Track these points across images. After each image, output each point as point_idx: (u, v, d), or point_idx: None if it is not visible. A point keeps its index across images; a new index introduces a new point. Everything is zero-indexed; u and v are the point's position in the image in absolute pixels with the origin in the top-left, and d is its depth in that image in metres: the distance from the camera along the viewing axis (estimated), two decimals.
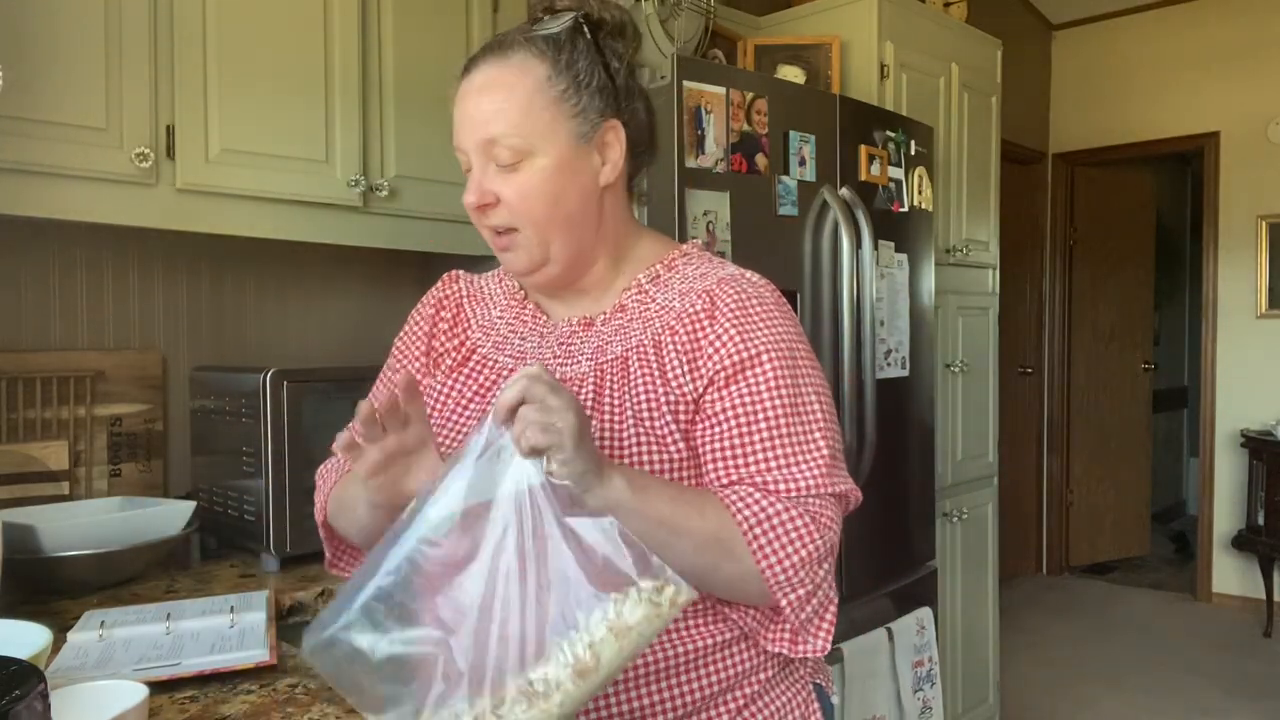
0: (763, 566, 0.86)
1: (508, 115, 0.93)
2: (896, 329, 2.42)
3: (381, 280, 2.27)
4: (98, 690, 0.85)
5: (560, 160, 0.94)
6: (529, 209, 0.94)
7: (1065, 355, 5.32)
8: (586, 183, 0.96)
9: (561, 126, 0.93)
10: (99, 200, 1.51)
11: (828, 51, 2.60)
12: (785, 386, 0.93)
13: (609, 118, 0.96)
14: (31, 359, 1.71)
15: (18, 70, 1.41)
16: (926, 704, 2.42)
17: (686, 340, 0.95)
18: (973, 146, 2.99)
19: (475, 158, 0.95)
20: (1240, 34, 4.71)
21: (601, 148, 0.97)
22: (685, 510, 0.86)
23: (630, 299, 1.01)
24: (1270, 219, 4.67)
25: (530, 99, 0.92)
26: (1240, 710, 3.45)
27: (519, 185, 0.94)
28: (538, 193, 0.94)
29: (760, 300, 0.97)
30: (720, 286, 0.97)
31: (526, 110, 0.92)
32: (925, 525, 2.59)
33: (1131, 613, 4.65)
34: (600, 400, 0.96)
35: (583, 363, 0.99)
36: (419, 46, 1.94)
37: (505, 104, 0.93)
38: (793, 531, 0.87)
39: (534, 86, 0.93)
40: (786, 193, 2.09)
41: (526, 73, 0.93)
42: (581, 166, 0.95)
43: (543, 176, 0.94)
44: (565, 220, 0.96)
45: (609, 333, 1.00)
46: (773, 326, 0.95)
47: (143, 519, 1.51)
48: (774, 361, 0.93)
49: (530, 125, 0.92)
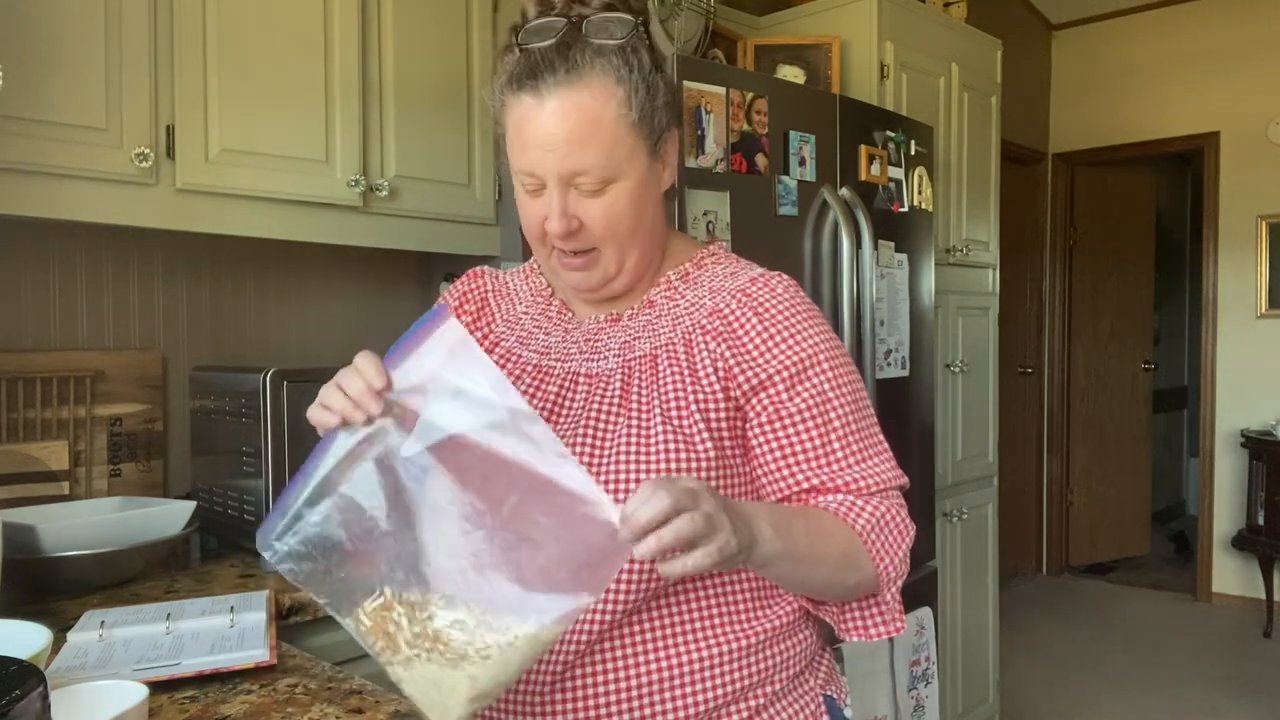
0: (881, 568, 0.91)
1: (596, 149, 0.89)
2: (896, 329, 2.42)
3: (381, 280, 2.28)
4: (98, 690, 0.85)
5: (641, 181, 0.93)
6: (615, 231, 0.93)
7: (1065, 355, 5.32)
8: (659, 195, 0.98)
9: (641, 150, 0.92)
10: (99, 200, 1.51)
11: (828, 51, 2.60)
12: (846, 386, 0.96)
13: (671, 128, 0.97)
14: (31, 359, 1.71)
15: (18, 70, 1.41)
16: (920, 702, 2.42)
17: (722, 341, 0.95)
18: (973, 146, 2.99)
19: (555, 184, 0.91)
20: (1240, 34, 4.71)
21: (665, 156, 0.97)
22: (821, 540, 0.88)
23: (659, 295, 1.00)
24: (1270, 219, 4.67)
25: (615, 129, 0.89)
26: (1240, 710, 3.45)
27: (605, 209, 0.92)
28: (624, 215, 0.92)
29: (802, 302, 0.98)
30: (755, 287, 0.97)
31: (614, 142, 0.90)
32: (925, 525, 2.59)
33: (1131, 613, 4.65)
34: (628, 397, 0.94)
35: (610, 359, 0.98)
36: (419, 46, 1.94)
37: (592, 137, 0.89)
38: (898, 530, 0.93)
39: (616, 115, 0.89)
40: (786, 193, 2.09)
41: (607, 99, 0.89)
42: (655, 181, 0.96)
43: (629, 199, 0.92)
44: (643, 235, 0.96)
45: (636, 329, 0.99)
46: (820, 327, 0.97)
47: (143, 519, 1.51)
48: (832, 362, 0.96)
49: (618, 154, 0.90)
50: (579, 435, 0.94)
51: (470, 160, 2.06)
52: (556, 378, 0.99)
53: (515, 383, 1.00)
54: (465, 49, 2.04)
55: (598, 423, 0.94)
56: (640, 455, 0.90)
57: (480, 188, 2.08)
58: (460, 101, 2.03)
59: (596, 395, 0.96)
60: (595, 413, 0.95)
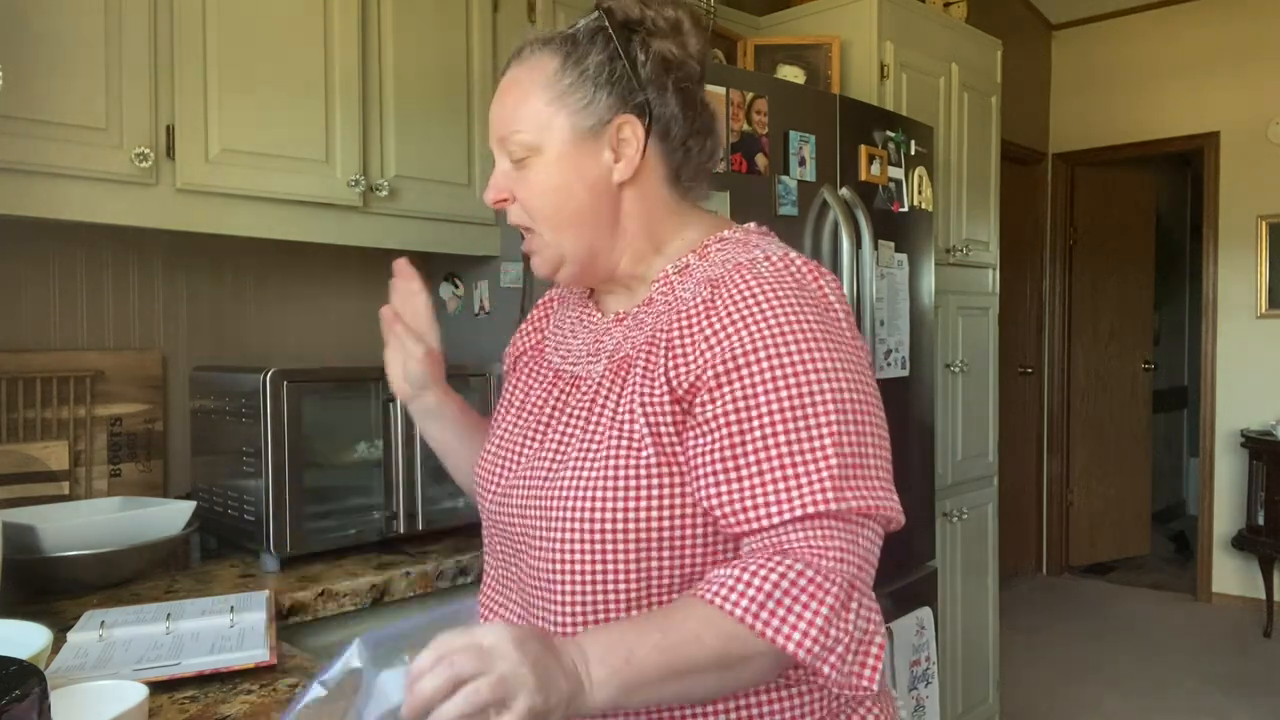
0: (787, 646, 0.75)
1: (516, 110, 0.92)
2: (896, 329, 2.42)
3: (381, 280, 2.26)
4: (98, 690, 0.85)
5: (562, 154, 0.92)
6: (538, 206, 0.93)
7: (1065, 355, 5.32)
8: (596, 180, 0.92)
9: (564, 120, 0.91)
10: (99, 200, 1.51)
11: (828, 51, 2.60)
12: (787, 388, 0.80)
13: (622, 112, 0.91)
14: (31, 359, 1.71)
15: (18, 70, 1.41)
16: (920, 702, 2.42)
17: (681, 335, 0.87)
18: (973, 146, 2.99)
19: (496, 156, 0.95)
20: (1240, 34, 4.71)
21: (616, 144, 0.92)
22: (686, 650, 0.74)
23: (657, 291, 0.94)
24: (1270, 219, 4.67)
25: (535, 93, 0.92)
26: (1240, 710, 3.45)
27: (528, 181, 0.93)
28: (543, 188, 0.92)
29: (773, 286, 0.85)
30: (731, 273, 0.87)
31: (531, 105, 0.92)
32: (925, 525, 2.59)
33: (1131, 613, 4.65)
34: (601, 403, 0.90)
35: (601, 361, 0.94)
36: (419, 46, 1.94)
37: (515, 101, 0.93)
38: (800, 594, 0.75)
39: (541, 81, 0.92)
40: (786, 193, 2.09)
41: (536, 68, 0.93)
42: (588, 163, 0.92)
43: (548, 173, 0.92)
44: (574, 217, 0.93)
45: (630, 329, 0.94)
46: (780, 316, 0.83)
47: (143, 519, 1.52)
48: (774, 358, 0.81)
49: (533, 119, 0.92)
50: (558, 441, 0.92)
51: (470, 160, 2.06)
52: (564, 380, 0.98)
53: (534, 387, 1.01)
54: (465, 49, 2.04)
55: (573, 429, 0.91)
56: (589, 465, 0.86)
57: (480, 187, 2.08)
58: (460, 101, 2.03)
59: (584, 400, 0.93)
60: (574, 418, 0.92)
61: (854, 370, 0.85)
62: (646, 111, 0.92)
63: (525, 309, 2.08)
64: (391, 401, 1.73)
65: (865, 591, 0.80)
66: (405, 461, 1.73)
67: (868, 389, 0.86)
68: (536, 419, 0.96)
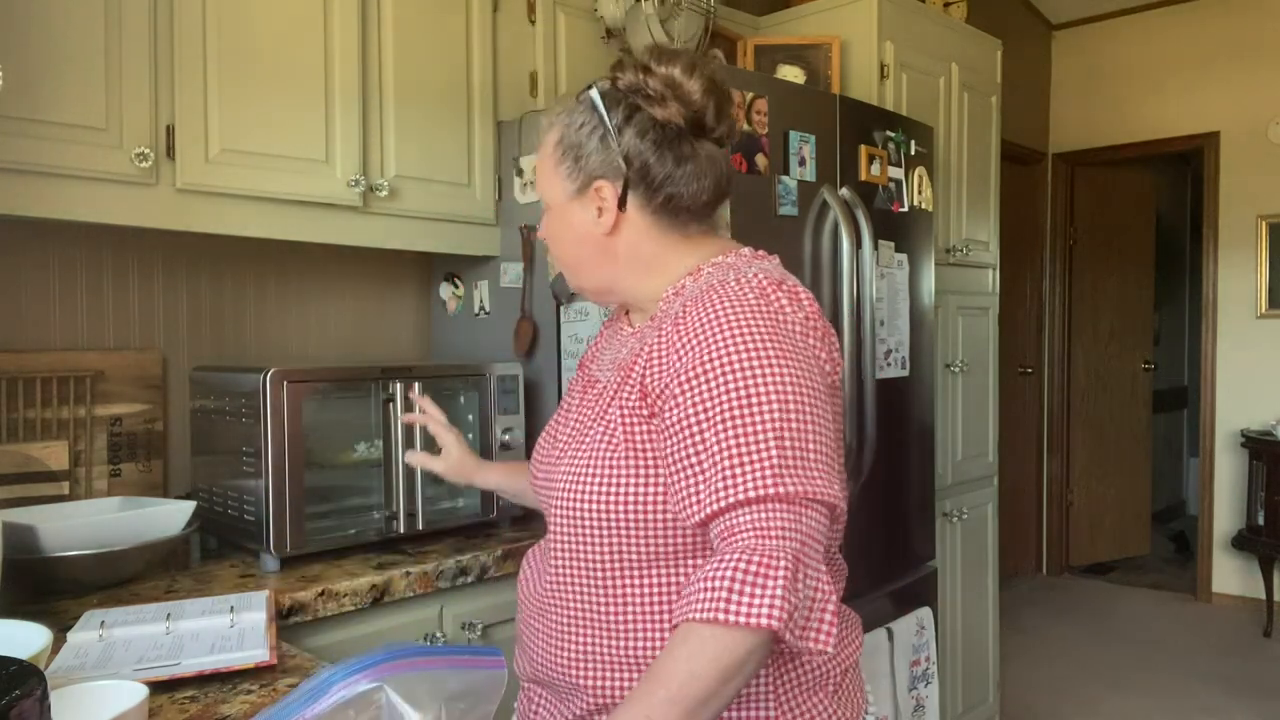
0: (762, 623, 0.82)
1: (539, 171, 1.15)
2: (896, 329, 2.42)
3: (381, 280, 2.28)
4: (98, 690, 0.85)
5: (563, 211, 1.12)
6: (553, 249, 1.16)
7: (1065, 355, 5.32)
8: (585, 232, 1.10)
9: (559, 186, 1.11)
10: (99, 200, 1.52)
11: (828, 51, 2.60)
12: (736, 394, 0.91)
13: (601, 177, 1.07)
14: (31, 359, 1.71)
15: (18, 70, 1.41)
16: (920, 702, 2.42)
17: (659, 344, 1.01)
18: (973, 146, 2.99)
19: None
20: (1240, 34, 4.71)
21: (599, 201, 1.08)
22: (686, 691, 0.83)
23: (659, 309, 1.09)
24: (1270, 219, 4.67)
25: (546, 159, 1.13)
26: (1240, 710, 3.45)
27: (546, 229, 1.16)
28: (550, 236, 1.15)
29: (734, 305, 0.96)
30: (705, 293, 0.99)
31: (545, 167, 1.13)
32: (925, 525, 2.59)
33: (1131, 613, 4.65)
34: (603, 407, 1.05)
35: (612, 370, 1.09)
36: (419, 46, 1.94)
37: (539, 162, 1.14)
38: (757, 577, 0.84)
39: (548, 153, 1.12)
40: (786, 193, 2.09)
41: (547, 140, 1.13)
42: (579, 218, 1.10)
43: (555, 225, 1.14)
44: (574, 259, 1.14)
45: (635, 341, 1.09)
46: (735, 332, 0.94)
47: (143, 519, 1.51)
48: (727, 369, 0.92)
49: (544, 183, 1.14)
50: (568, 435, 1.09)
51: (470, 160, 2.06)
52: (592, 385, 1.13)
53: (574, 391, 1.18)
54: (465, 49, 2.04)
55: (582, 427, 1.07)
56: (578, 457, 1.03)
57: (480, 188, 2.08)
58: (460, 101, 2.03)
59: (595, 401, 1.08)
60: (584, 416, 1.09)
61: (798, 377, 0.94)
62: (623, 174, 1.06)
63: (525, 309, 2.08)
64: (391, 401, 1.73)
65: (809, 564, 0.88)
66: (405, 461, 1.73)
67: (812, 393, 0.95)
68: (565, 417, 1.15)
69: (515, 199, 2.10)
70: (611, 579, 1.01)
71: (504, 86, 2.12)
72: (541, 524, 1.91)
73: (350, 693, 0.74)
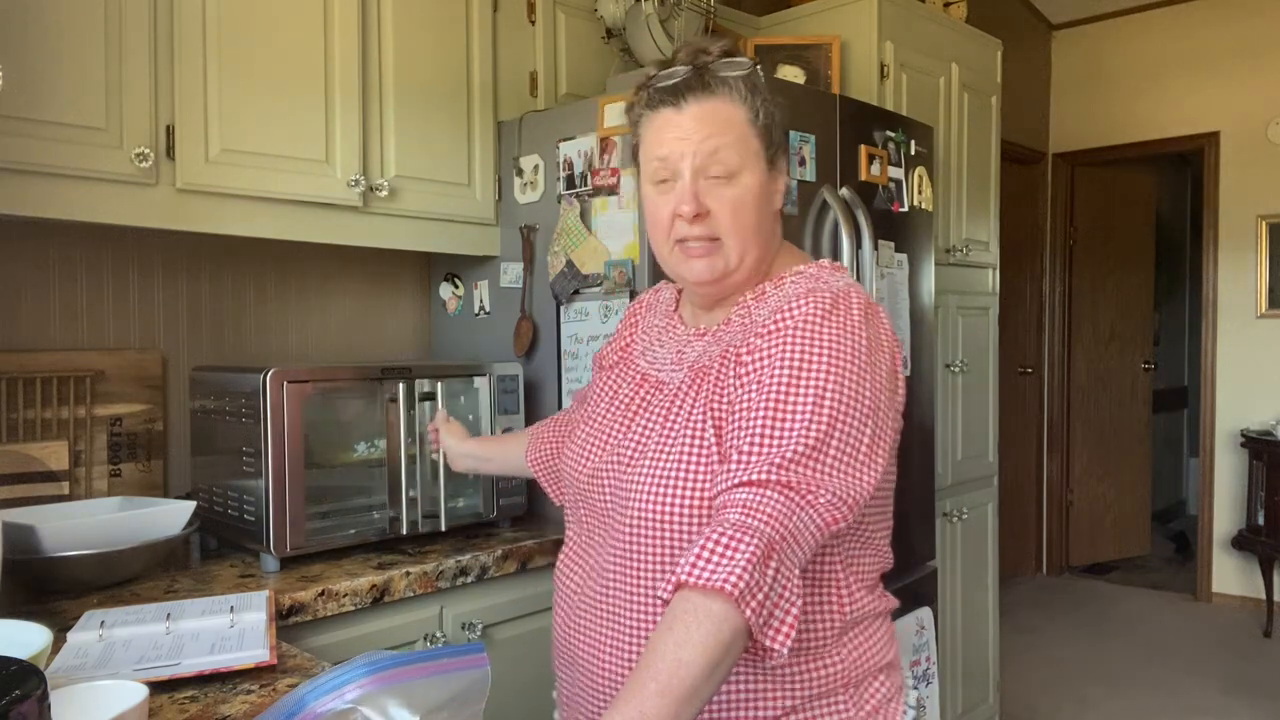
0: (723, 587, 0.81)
1: (728, 138, 1.05)
2: (896, 329, 2.42)
3: (381, 280, 2.28)
4: (98, 690, 0.85)
5: (760, 181, 1.07)
6: (738, 222, 1.06)
7: (1065, 355, 5.32)
8: (772, 209, 1.10)
9: (762, 155, 1.07)
10: (99, 200, 1.52)
11: (828, 51, 2.59)
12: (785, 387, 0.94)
13: (781, 154, 1.10)
14: (31, 359, 1.71)
15: (18, 70, 1.41)
16: (920, 702, 2.42)
17: (750, 351, 1.01)
18: (973, 146, 2.98)
19: (689, 171, 1.05)
20: (1240, 34, 4.71)
21: (777, 173, 1.10)
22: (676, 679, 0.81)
23: (736, 313, 1.09)
24: (1270, 219, 4.67)
25: (743, 127, 1.05)
26: (1240, 710, 3.45)
27: (733, 198, 1.05)
28: (747, 206, 1.06)
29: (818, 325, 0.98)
30: (796, 302, 1.00)
31: (742, 137, 1.05)
32: (925, 525, 2.59)
33: (1131, 613, 4.65)
34: (680, 408, 1.04)
35: (683, 370, 1.08)
36: (419, 47, 1.94)
37: (725, 129, 1.05)
38: (724, 547, 0.84)
39: (744, 118, 1.06)
40: (786, 192, 2.09)
41: (735, 106, 1.06)
42: (771, 191, 1.09)
43: (752, 194, 1.06)
44: (759, 233, 1.07)
45: (709, 344, 1.09)
46: (817, 339, 0.97)
47: (143, 519, 1.51)
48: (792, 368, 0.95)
49: (746, 149, 1.05)
50: (644, 437, 1.06)
51: (470, 160, 2.06)
52: (649, 384, 1.12)
53: (620, 390, 1.16)
54: (465, 49, 2.04)
55: (659, 428, 1.05)
56: (663, 459, 1.01)
57: (480, 188, 2.08)
58: (460, 101, 2.03)
59: (665, 403, 1.07)
60: (659, 419, 1.06)
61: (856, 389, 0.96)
62: (786, 152, 1.11)
63: (525, 309, 2.08)
64: (392, 401, 1.73)
65: (785, 558, 0.87)
66: (405, 461, 1.73)
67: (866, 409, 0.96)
68: (622, 414, 1.12)
69: (515, 199, 2.10)
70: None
71: (504, 86, 2.13)
72: (541, 524, 1.93)
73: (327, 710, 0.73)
